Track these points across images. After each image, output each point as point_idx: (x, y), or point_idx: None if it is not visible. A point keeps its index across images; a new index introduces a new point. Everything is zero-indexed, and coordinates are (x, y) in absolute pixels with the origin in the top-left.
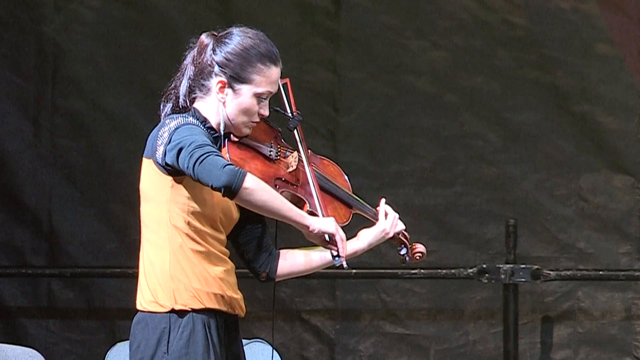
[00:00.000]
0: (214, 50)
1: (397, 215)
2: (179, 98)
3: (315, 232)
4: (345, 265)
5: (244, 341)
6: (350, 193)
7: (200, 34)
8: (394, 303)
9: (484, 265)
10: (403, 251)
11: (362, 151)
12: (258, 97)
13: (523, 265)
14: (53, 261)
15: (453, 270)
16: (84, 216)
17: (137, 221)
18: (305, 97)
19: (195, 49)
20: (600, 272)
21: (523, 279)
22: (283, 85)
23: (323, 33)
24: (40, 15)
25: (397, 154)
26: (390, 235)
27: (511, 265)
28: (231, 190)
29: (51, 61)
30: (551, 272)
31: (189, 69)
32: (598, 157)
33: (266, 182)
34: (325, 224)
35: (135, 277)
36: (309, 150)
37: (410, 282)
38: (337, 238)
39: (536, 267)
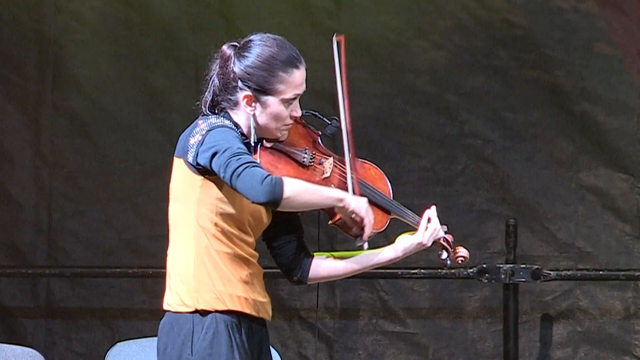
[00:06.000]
0: (235, 63)
1: (437, 227)
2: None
3: (349, 211)
4: (365, 247)
5: None
6: (389, 198)
7: (222, 45)
8: (393, 301)
9: (484, 265)
10: (444, 255)
11: (362, 150)
12: (286, 102)
13: (523, 265)
14: (52, 260)
15: (453, 270)
16: (84, 216)
17: (137, 220)
18: (305, 97)
19: (218, 61)
20: (601, 272)
21: (523, 279)
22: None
23: (323, 33)
24: (41, 15)
25: (396, 153)
26: (428, 245)
27: (511, 265)
28: (274, 203)
29: (51, 61)
30: (551, 272)
31: (213, 82)
32: (597, 157)
33: None
34: (359, 205)
35: (135, 276)
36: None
37: (409, 281)
38: (366, 221)
39: (536, 266)
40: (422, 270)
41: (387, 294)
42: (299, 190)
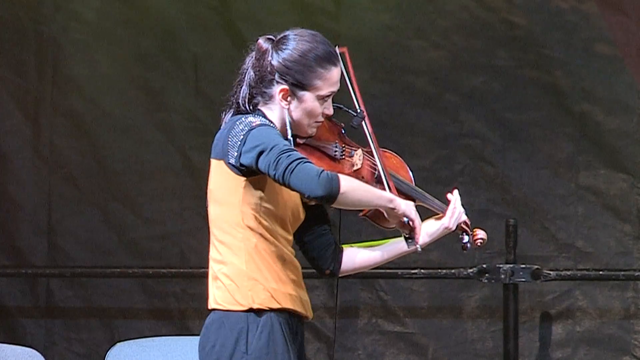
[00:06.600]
0: (272, 56)
1: (461, 210)
2: (239, 104)
3: (399, 214)
4: (419, 249)
5: None
6: (412, 185)
7: (258, 38)
8: (393, 301)
9: (484, 265)
10: (465, 239)
11: None
12: (321, 99)
13: (523, 265)
14: (52, 261)
15: (453, 270)
16: (84, 216)
17: (137, 220)
18: None
19: (254, 54)
20: (600, 272)
21: (523, 279)
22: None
23: (323, 33)
24: (40, 15)
25: (396, 153)
26: (452, 229)
27: (511, 265)
28: (330, 198)
29: (51, 61)
30: (551, 272)
31: (248, 75)
32: (597, 157)
33: None
34: (408, 207)
35: (135, 276)
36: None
37: (409, 281)
38: (417, 223)
39: (536, 266)
40: (422, 270)
41: (386, 293)
42: (353, 187)
